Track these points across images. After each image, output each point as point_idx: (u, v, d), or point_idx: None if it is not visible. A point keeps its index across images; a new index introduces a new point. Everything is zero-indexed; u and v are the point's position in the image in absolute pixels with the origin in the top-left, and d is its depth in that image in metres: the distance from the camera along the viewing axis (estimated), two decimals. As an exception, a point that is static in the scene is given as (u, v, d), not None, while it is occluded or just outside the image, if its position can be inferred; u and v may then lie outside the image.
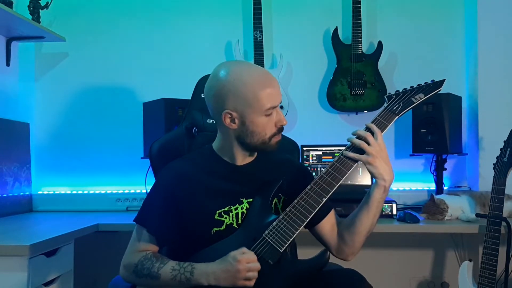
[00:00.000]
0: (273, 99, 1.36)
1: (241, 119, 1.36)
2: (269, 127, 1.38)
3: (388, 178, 1.37)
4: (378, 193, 1.38)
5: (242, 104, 1.34)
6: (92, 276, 2.58)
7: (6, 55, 2.63)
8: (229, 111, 1.36)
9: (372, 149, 1.35)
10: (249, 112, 1.35)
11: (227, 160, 1.45)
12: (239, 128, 1.38)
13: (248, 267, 1.25)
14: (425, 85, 1.48)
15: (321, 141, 2.50)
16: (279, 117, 1.39)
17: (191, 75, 1.90)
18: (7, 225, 2.22)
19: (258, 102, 1.34)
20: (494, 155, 2.00)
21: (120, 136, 2.78)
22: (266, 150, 1.43)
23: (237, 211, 1.39)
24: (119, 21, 2.82)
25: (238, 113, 1.36)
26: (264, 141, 1.39)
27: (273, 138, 1.40)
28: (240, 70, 1.37)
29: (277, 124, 1.39)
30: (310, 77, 2.73)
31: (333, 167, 1.37)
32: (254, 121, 1.36)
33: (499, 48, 2.47)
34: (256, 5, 2.61)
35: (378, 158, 1.35)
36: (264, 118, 1.36)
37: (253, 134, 1.38)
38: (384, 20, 2.70)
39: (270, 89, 1.36)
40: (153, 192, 1.45)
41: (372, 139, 1.36)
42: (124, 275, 1.40)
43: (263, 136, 1.38)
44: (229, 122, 1.37)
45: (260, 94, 1.34)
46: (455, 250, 2.58)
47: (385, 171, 1.36)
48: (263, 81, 1.36)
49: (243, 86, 1.34)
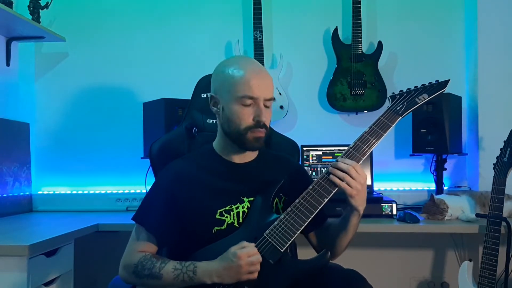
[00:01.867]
0: (254, 90, 1.33)
1: (221, 104, 1.38)
2: (245, 118, 1.34)
3: (363, 207, 1.38)
4: (355, 219, 1.40)
5: (221, 87, 1.38)
6: (92, 276, 2.58)
7: (6, 55, 2.63)
8: (213, 94, 1.40)
9: (356, 184, 1.33)
10: (226, 97, 1.36)
11: (227, 158, 1.45)
12: (220, 114, 1.40)
13: (250, 261, 1.25)
14: (429, 85, 1.47)
15: (321, 141, 2.50)
16: (259, 111, 1.34)
17: (191, 75, 1.90)
18: (7, 225, 2.22)
19: (234, 87, 1.34)
20: (494, 155, 2.00)
21: (120, 136, 2.78)
22: (245, 146, 1.39)
23: (238, 210, 1.39)
24: (119, 21, 2.82)
25: (218, 95, 1.39)
26: (239, 132, 1.36)
27: (249, 132, 1.35)
28: (234, 59, 1.41)
29: (254, 118, 1.35)
30: (310, 77, 2.73)
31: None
32: (230, 107, 1.36)
33: (499, 48, 2.47)
34: (256, 5, 2.61)
35: (360, 192, 1.34)
36: (239, 106, 1.34)
37: (229, 122, 1.37)
38: (384, 20, 2.70)
39: (255, 80, 1.33)
40: (153, 191, 1.44)
41: (355, 172, 1.33)
42: (124, 276, 1.39)
43: (237, 125, 1.35)
44: (212, 106, 1.41)
45: (240, 80, 1.33)
46: (455, 250, 2.58)
47: (363, 203, 1.37)
48: (250, 70, 1.35)
49: (226, 69, 1.37)
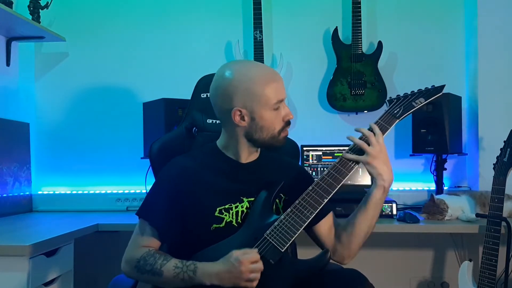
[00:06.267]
0: (279, 93, 1.38)
1: (250, 115, 1.38)
2: (278, 122, 1.40)
3: (387, 178, 1.38)
4: (378, 193, 1.38)
5: (250, 100, 1.36)
6: (92, 276, 2.57)
7: (6, 55, 2.63)
8: (239, 108, 1.37)
9: (372, 149, 1.37)
10: (259, 108, 1.37)
11: (232, 157, 1.46)
12: (249, 124, 1.39)
13: (251, 268, 1.25)
14: (426, 90, 1.50)
15: (321, 141, 2.50)
16: (286, 111, 1.41)
17: (191, 75, 1.89)
18: (7, 225, 2.22)
19: (265, 96, 1.36)
20: (494, 155, 2.00)
21: (120, 136, 2.78)
22: (274, 146, 1.43)
23: (237, 209, 1.40)
24: (119, 21, 2.82)
25: (247, 109, 1.37)
26: (274, 136, 1.40)
27: (282, 132, 1.41)
28: (244, 68, 1.41)
29: (284, 118, 1.41)
30: (310, 77, 2.73)
31: (334, 168, 1.38)
32: (263, 116, 1.38)
33: (499, 49, 2.47)
34: (256, 5, 2.61)
35: (377, 158, 1.36)
36: (272, 112, 1.38)
37: (262, 129, 1.39)
38: (384, 20, 2.70)
39: (275, 84, 1.39)
40: (156, 186, 1.45)
41: (374, 139, 1.38)
42: (126, 269, 1.40)
43: (272, 130, 1.40)
44: (239, 120, 1.38)
45: (267, 89, 1.36)
46: (455, 250, 2.58)
47: (384, 172, 1.37)
48: (268, 76, 1.39)
49: (249, 82, 1.36)
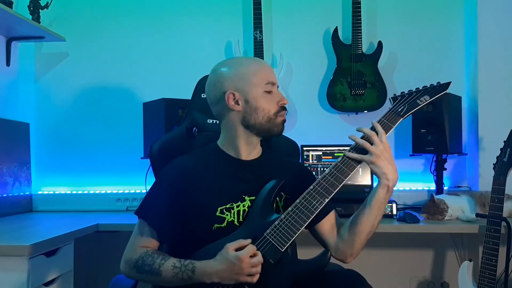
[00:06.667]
0: (269, 75, 1.43)
1: (244, 98, 1.39)
2: (272, 105, 1.41)
3: (392, 177, 1.36)
4: (382, 192, 1.36)
5: (242, 83, 1.39)
6: (92, 276, 2.58)
7: (6, 55, 2.63)
8: (232, 91, 1.39)
9: (375, 148, 1.35)
10: (251, 88, 1.39)
11: (232, 155, 1.45)
12: (244, 108, 1.40)
13: (252, 262, 1.25)
14: (431, 87, 1.46)
15: (321, 141, 2.49)
16: (280, 96, 1.43)
17: (191, 75, 1.89)
18: (7, 225, 2.22)
19: (256, 77, 1.40)
20: (494, 155, 2.00)
21: (120, 136, 2.78)
22: (273, 131, 1.43)
23: (239, 209, 1.39)
24: (119, 21, 2.82)
25: (239, 92, 1.39)
26: (270, 118, 1.40)
27: (278, 116, 1.42)
28: (233, 59, 1.51)
29: (279, 103, 1.42)
30: (310, 77, 2.73)
31: (336, 167, 1.37)
32: (256, 96, 1.39)
33: (499, 49, 2.47)
34: (256, 5, 2.61)
35: (381, 157, 1.34)
36: (265, 94, 1.40)
37: (257, 111, 1.40)
38: (384, 20, 2.70)
39: (265, 68, 1.45)
40: (156, 186, 1.45)
41: (376, 138, 1.36)
42: (125, 270, 1.40)
43: (267, 112, 1.40)
44: (233, 104, 1.39)
45: (257, 71, 1.41)
46: (455, 250, 2.58)
47: (388, 171, 1.35)
48: (257, 61, 1.49)
49: (240, 67, 1.42)
